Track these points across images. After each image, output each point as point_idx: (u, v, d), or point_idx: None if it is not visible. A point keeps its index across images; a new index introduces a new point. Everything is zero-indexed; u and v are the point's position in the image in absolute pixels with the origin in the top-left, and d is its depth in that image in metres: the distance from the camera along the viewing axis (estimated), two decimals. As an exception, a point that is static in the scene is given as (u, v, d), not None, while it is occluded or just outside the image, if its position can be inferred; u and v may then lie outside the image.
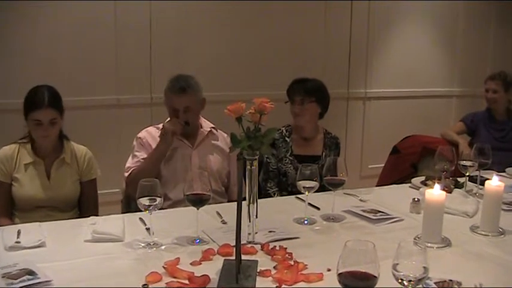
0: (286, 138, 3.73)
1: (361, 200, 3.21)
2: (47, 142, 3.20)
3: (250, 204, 2.48)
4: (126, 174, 3.41)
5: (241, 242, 2.12)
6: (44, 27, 4.89)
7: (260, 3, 5.56)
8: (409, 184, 3.58)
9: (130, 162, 3.45)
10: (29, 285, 2.06)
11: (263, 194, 3.54)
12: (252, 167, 2.42)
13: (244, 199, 2.43)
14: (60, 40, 4.95)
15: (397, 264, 1.76)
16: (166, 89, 3.46)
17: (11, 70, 4.78)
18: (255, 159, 2.41)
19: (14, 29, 4.79)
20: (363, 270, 1.69)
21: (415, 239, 2.50)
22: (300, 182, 2.77)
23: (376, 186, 4.03)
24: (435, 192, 2.45)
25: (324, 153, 3.75)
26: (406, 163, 4.70)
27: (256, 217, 2.50)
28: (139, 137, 3.48)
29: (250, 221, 2.49)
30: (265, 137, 2.35)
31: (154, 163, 3.33)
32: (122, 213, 3.42)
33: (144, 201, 2.43)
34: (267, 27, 5.71)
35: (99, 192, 3.44)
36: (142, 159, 3.41)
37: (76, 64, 5.00)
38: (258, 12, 5.63)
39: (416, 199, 3.00)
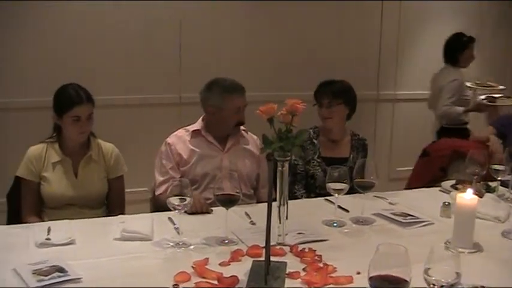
0: (314, 140, 3.71)
1: (390, 203, 3.18)
2: (83, 138, 3.22)
3: (281, 206, 2.47)
4: (157, 191, 3.40)
5: (271, 244, 2.11)
6: (72, 27, 4.92)
7: (291, 3, 5.54)
8: (439, 188, 3.54)
9: (159, 174, 3.44)
10: (59, 282, 2.08)
11: (290, 196, 3.51)
12: (283, 169, 2.42)
13: (274, 200, 2.42)
14: (87, 39, 4.97)
15: (429, 268, 1.74)
16: (222, 90, 3.40)
17: (35, 69, 4.82)
18: (287, 160, 2.40)
19: (36, 29, 4.83)
20: (395, 275, 1.67)
21: (445, 243, 2.46)
22: (330, 184, 2.76)
23: (406, 189, 3.98)
24: (467, 197, 2.42)
25: (351, 155, 3.73)
26: (436, 166, 4.64)
27: (286, 219, 2.49)
28: (169, 143, 3.46)
29: (280, 223, 2.48)
30: (297, 138, 2.34)
31: None
32: (151, 212, 3.44)
33: (174, 200, 2.44)
34: (297, 27, 5.68)
35: (127, 190, 3.44)
36: (170, 169, 3.40)
37: (104, 63, 5.03)
38: (288, 12, 5.61)
39: (446, 203, 2.96)
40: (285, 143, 2.32)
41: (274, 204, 2.39)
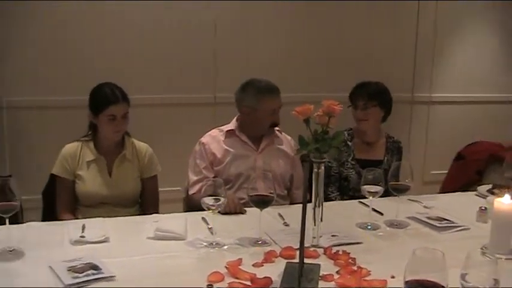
0: (348, 142, 3.69)
1: (425, 207, 3.14)
2: (118, 137, 3.25)
3: (316, 208, 2.46)
4: (191, 191, 3.42)
5: (304, 245, 2.10)
6: (109, 27, 4.95)
7: (326, 3, 5.51)
8: (475, 192, 3.49)
9: (193, 174, 3.46)
10: (94, 279, 2.09)
11: (324, 198, 3.49)
12: (319, 170, 2.40)
13: (308, 202, 2.41)
14: (124, 39, 5.00)
15: (466, 274, 1.71)
16: (258, 91, 3.40)
17: (71, 68, 4.87)
18: (322, 162, 2.39)
19: (72, 28, 4.88)
20: (431, 279, 1.65)
21: (482, 249, 2.42)
22: (365, 187, 2.74)
23: (440, 192, 3.95)
24: (505, 202, 2.38)
25: (386, 158, 3.70)
26: (471, 170, 4.60)
27: (321, 221, 2.48)
28: (203, 143, 3.47)
29: (315, 225, 2.47)
30: (334, 140, 2.32)
31: None
32: (184, 211, 3.45)
33: (208, 200, 2.44)
34: (330, 28, 5.64)
35: (160, 189, 3.46)
36: (204, 168, 3.42)
37: (140, 63, 5.05)
38: (321, 12, 5.58)
39: (483, 208, 2.92)
40: (321, 144, 2.31)
41: (309, 206, 2.38)
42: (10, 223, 2.36)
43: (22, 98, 4.82)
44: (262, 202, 2.52)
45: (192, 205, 3.30)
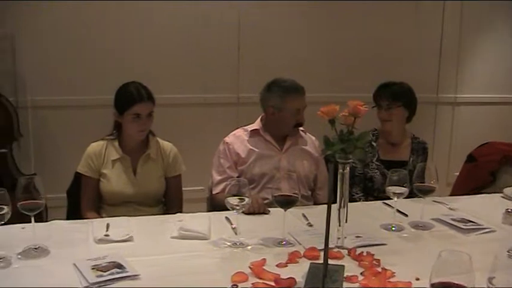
0: (373, 143, 3.67)
1: (450, 209, 3.12)
2: (142, 136, 3.26)
3: (341, 209, 2.45)
4: (214, 190, 3.43)
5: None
6: (134, 27, 4.98)
7: (348, 3, 5.48)
8: (501, 194, 3.45)
9: (217, 173, 3.46)
10: (118, 278, 2.10)
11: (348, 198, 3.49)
12: (344, 171, 2.39)
13: (333, 203, 2.40)
14: (148, 39, 5.02)
15: (493, 277, 1.69)
16: (283, 91, 3.39)
17: (98, 67, 4.90)
18: (348, 163, 2.38)
19: (97, 28, 4.91)
20: (457, 282, 1.63)
21: (508, 251, 2.40)
22: (389, 188, 2.72)
23: (450, 195, 3.88)
24: (532, 204, 2.35)
25: (411, 159, 3.67)
26: (484, 171, 4.55)
27: (346, 222, 2.46)
28: (227, 142, 3.48)
29: (340, 226, 2.45)
30: (359, 140, 2.31)
31: None
32: (207, 210, 3.45)
33: (233, 200, 2.44)
34: (355, 28, 5.61)
35: (184, 189, 3.46)
36: (227, 168, 3.42)
37: (164, 62, 5.07)
38: (346, 12, 5.55)
39: (509, 210, 2.89)
40: (347, 145, 2.30)
41: (333, 207, 2.37)
42: (35, 221, 2.38)
43: (47, 98, 4.86)
44: (286, 202, 2.51)
45: (215, 205, 3.31)
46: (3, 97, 4.35)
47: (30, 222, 2.37)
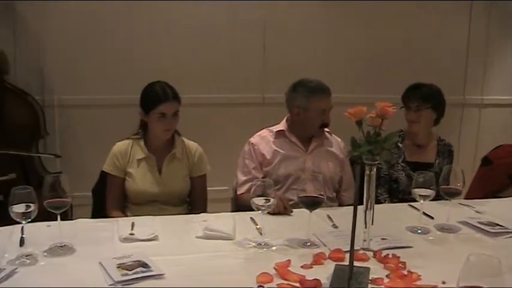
0: (399, 144, 3.65)
1: (477, 212, 3.08)
2: (168, 135, 3.26)
3: (367, 210, 2.43)
4: (239, 191, 3.44)
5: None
6: (159, 26, 4.99)
7: (375, 3, 5.44)
8: (528, 197, 3.41)
9: (242, 174, 3.46)
10: (143, 277, 2.10)
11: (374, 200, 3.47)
12: (371, 173, 2.38)
13: (359, 204, 2.38)
14: (174, 39, 5.03)
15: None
16: (308, 91, 3.39)
17: (123, 67, 4.92)
18: (375, 164, 2.36)
19: (123, 28, 4.93)
20: (486, 286, 1.61)
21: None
22: (416, 190, 2.70)
23: (465, 199, 3.82)
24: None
25: (437, 161, 3.65)
26: (501, 174, 4.48)
27: (372, 223, 2.45)
28: (252, 143, 3.48)
29: (366, 227, 2.44)
30: (386, 142, 2.29)
31: None
32: (231, 211, 3.45)
33: (258, 201, 2.44)
34: (382, 29, 5.56)
35: (208, 189, 3.46)
36: (253, 169, 3.42)
37: (189, 62, 5.07)
38: (373, 13, 5.51)
39: (538, 213, 2.85)
40: (374, 146, 2.28)
41: (359, 209, 2.36)
42: (61, 219, 2.39)
43: (73, 97, 4.88)
44: (312, 203, 2.50)
45: (240, 205, 3.31)
46: (29, 96, 4.39)
47: (55, 220, 2.39)
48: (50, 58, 4.79)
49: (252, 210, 2.51)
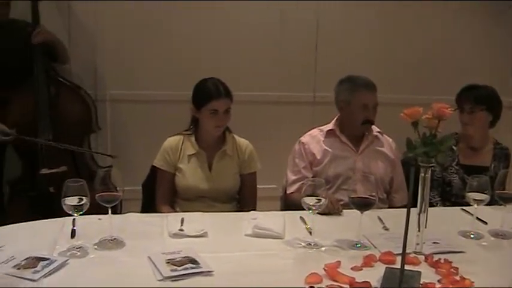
0: (453, 147, 3.57)
1: (533, 218, 3.00)
2: (219, 132, 3.26)
3: (421, 214, 2.39)
4: (289, 190, 3.42)
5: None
6: (213, 25, 4.99)
7: (430, 2, 5.34)
8: None
9: (292, 173, 3.45)
10: (192, 273, 2.11)
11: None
12: (426, 175, 2.33)
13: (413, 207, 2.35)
14: (227, 38, 5.02)
15: None
16: (352, 85, 3.40)
17: (175, 63, 4.94)
18: (430, 166, 2.32)
19: (178, 25, 4.95)
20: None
21: None
22: (470, 194, 2.65)
23: None
24: None
25: (492, 165, 3.56)
26: None
27: (426, 227, 2.40)
28: (303, 142, 3.46)
29: (419, 231, 2.40)
30: (443, 144, 2.24)
31: None
32: (280, 209, 3.44)
33: (309, 200, 2.42)
34: (436, 28, 5.45)
35: (257, 186, 3.45)
36: (303, 168, 3.39)
37: (241, 60, 5.07)
38: (427, 11, 5.40)
39: None
40: (430, 148, 2.23)
41: (412, 211, 2.31)
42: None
43: (125, 92, 4.93)
44: (363, 205, 2.47)
45: (289, 204, 3.30)
46: (83, 90, 4.44)
47: (106, 213, 2.41)
48: (103, 53, 4.84)
49: (301, 209, 2.49)
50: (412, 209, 2.25)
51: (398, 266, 2.02)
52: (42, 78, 4.09)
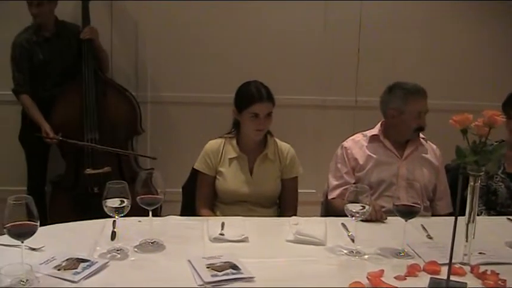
0: (499, 155, 3.48)
1: None
2: (259, 136, 3.23)
3: (470, 224, 2.32)
4: (330, 195, 3.37)
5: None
6: (252, 27, 4.99)
7: (481, 3, 5.18)
8: None
9: (334, 178, 3.40)
10: (233, 279, 2.09)
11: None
12: (475, 184, 2.27)
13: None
14: (269, 40, 5.02)
15: None
16: (405, 93, 3.31)
17: (217, 66, 4.94)
18: (480, 175, 2.26)
19: (219, 28, 4.95)
20: None
21: None
22: (517, 203, 2.57)
23: None
24: None
25: (541, 174, 3.47)
26: None
27: (473, 237, 2.34)
28: (345, 147, 3.41)
29: (467, 241, 2.33)
30: (494, 153, 2.18)
31: None
32: (321, 215, 3.40)
33: (353, 207, 2.38)
34: (484, 31, 5.32)
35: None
36: (345, 173, 3.35)
37: (282, 63, 5.05)
38: (475, 14, 5.27)
39: None
40: (480, 157, 2.17)
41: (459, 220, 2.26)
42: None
43: (167, 94, 4.96)
44: (408, 212, 2.42)
45: (330, 210, 3.25)
46: (128, 91, 4.47)
47: (146, 215, 2.41)
48: (145, 55, 4.88)
49: (342, 215, 2.46)
50: (459, 218, 2.20)
51: (443, 276, 1.98)
52: (90, 77, 4.16)
